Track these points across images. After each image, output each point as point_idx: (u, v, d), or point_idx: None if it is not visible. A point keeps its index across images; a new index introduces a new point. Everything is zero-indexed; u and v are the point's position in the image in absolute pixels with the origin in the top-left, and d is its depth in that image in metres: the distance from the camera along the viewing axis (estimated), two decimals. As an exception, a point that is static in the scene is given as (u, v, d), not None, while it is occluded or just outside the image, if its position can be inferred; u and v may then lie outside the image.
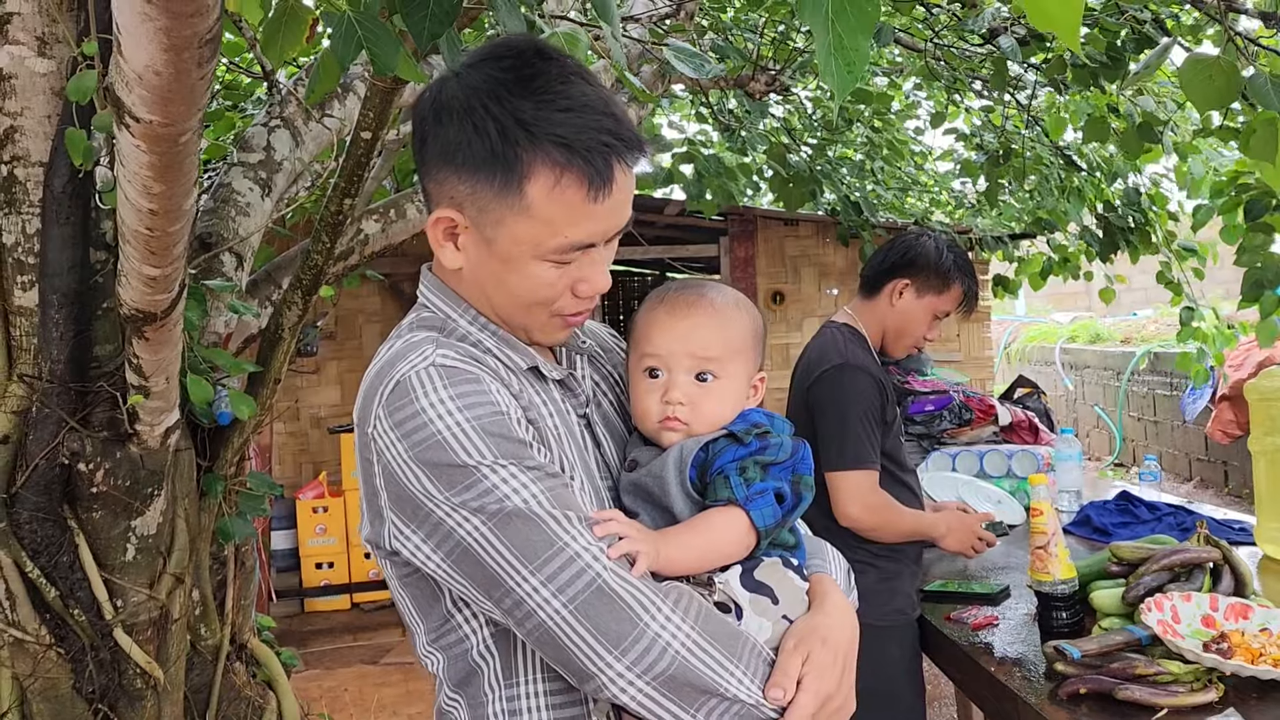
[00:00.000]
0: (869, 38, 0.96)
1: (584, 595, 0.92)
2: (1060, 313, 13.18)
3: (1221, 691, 1.52)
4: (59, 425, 2.06)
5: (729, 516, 1.02)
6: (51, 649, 2.12)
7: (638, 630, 0.92)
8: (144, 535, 2.20)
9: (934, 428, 5.70)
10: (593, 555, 0.94)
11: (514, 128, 0.96)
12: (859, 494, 2.21)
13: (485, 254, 1.03)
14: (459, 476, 0.94)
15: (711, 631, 0.96)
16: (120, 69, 1.08)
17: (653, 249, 7.04)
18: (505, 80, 0.98)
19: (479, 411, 0.96)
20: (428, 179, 1.04)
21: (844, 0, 0.95)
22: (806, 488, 1.09)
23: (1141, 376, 8.85)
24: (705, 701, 0.95)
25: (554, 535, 0.93)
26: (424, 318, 1.09)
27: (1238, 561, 1.82)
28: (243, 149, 2.80)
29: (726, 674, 0.95)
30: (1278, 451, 2.24)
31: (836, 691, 1.03)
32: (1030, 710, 1.60)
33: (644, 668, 0.92)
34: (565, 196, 0.98)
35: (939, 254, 2.38)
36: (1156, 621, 1.61)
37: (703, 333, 1.12)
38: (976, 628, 2.02)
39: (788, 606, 1.06)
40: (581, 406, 1.14)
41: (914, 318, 2.40)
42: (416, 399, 0.96)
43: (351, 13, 1.40)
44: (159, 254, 1.54)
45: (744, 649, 0.98)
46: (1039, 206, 5.36)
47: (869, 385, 2.27)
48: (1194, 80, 1.69)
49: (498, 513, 0.94)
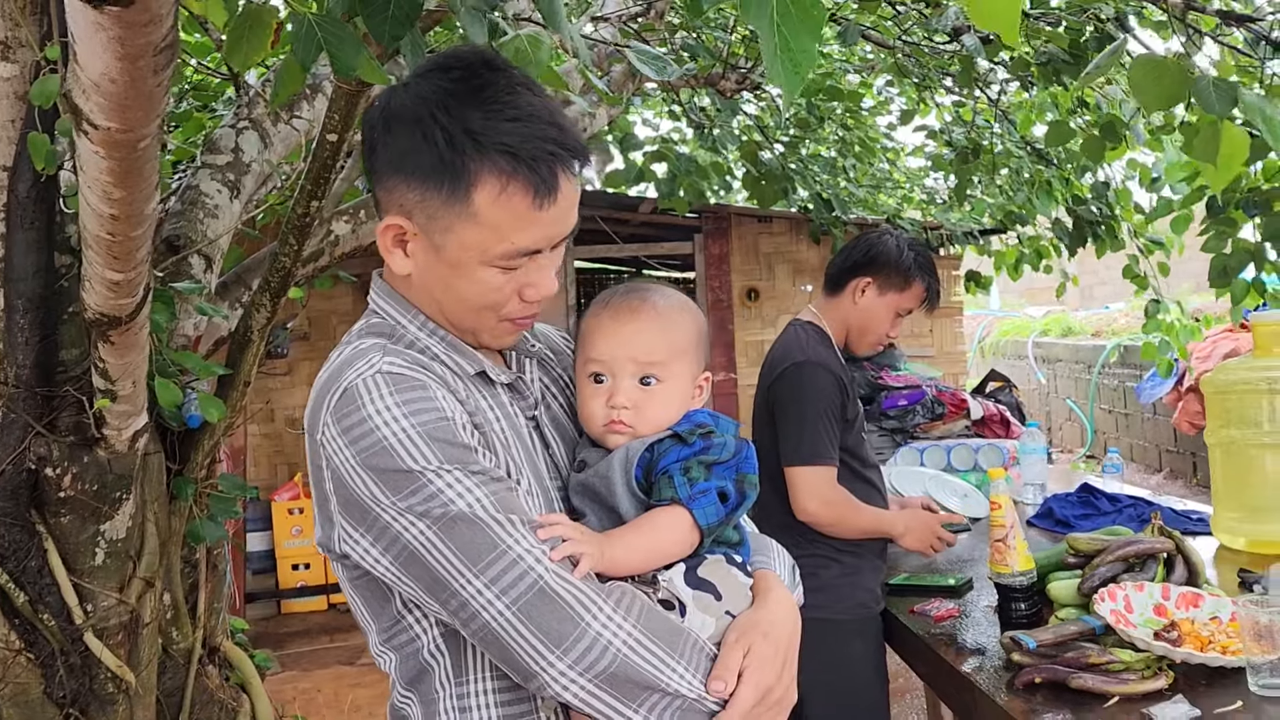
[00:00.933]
0: (815, 40, 0.97)
1: (526, 596, 0.94)
2: (1034, 307, 13.29)
3: (1171, 679, 1.55)
4: (25, 430, 2.05)
5: (672, 516, 1.04)
6: (21, 654, 2.11)
7: (579, 630, 0.94)
8: (113, 539, 2.19)
9: (907, 422, 5.75)
10: (535, 558, 0.95)
11: (462, 137, 0.98)
12: (817, 489, 2.24)
13: (434, 260, 1.04)
14: (404, 482, 0.96)
15: (653, 629, 0.98)
16: (77, 76, 1.08)
17: (628, 247, 7.06)
18: (453, 90, 1.00)
19: (424, 418, 0.98)
20: (378, 186, 1.06)
21: (789, 4, 0.96)
22: (751, 486, 1.11)
23: (1112, 369, 8.94)
24: (647, 697, 0.97)
25: (497, 538, 0.95)
26: (373, 324, 1.11)
27: (1190, 551, 1.86)
28: (211, 151, 2.79)
29: (668, 670, 0.97)
30: (1232, 443, 2.29)
31: (777, 684, 1.05)
32: (987, 700, 1.63)
33: (585, 666, 0.94)
34: (511, 204, 1.00)
35: (900, 252, 2.41)
36: (1109, 611, 1.64)
37: (645, 337, 1.14)
38: (939, 620, 2.05)
39: (731, 602, 1.07)
40: (530, 409, 1.16)
41: (877, 315, 2.43)
42: (363, 406, 0.98)
43: (312, 16, 1.40)
44: (121, 259, 1.54)
45: (685, 645, 1.00)
46: (1010, 201, 5.41)
47: (829, 383, 2.29)
48: (1143, 80, 1.72)
49: (442, 517, 0.96)
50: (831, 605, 2.27)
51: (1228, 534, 2.33)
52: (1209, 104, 1.65)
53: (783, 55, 0.96)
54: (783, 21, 0.95)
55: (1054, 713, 1.50)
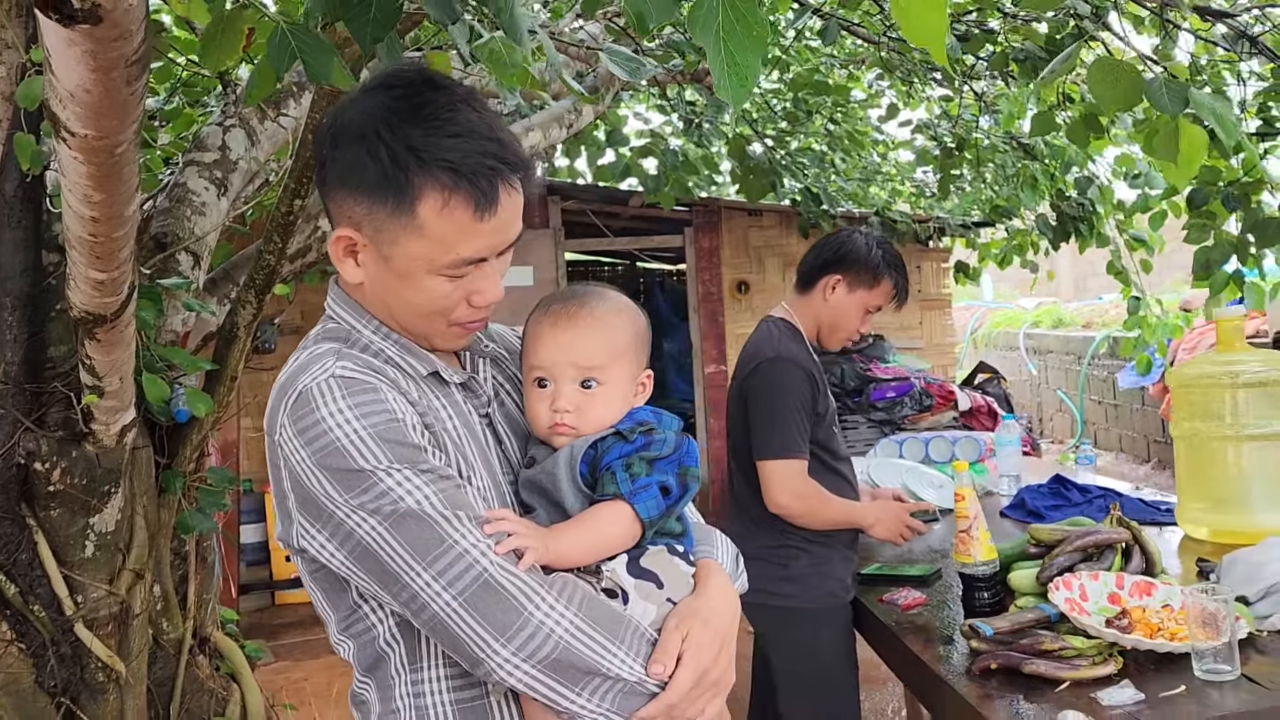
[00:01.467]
0: (759, 55, 1.02)
1: (472, 588, 0.99)
2: (1027, 299, 13.33)
3: (1120, 664, 1.61)
4: (14, 425, 2.09)
5: (615, 510, 1.09)
6: (13, 644, 2.14)
7: (522, 619, 0.99)
8: (102, 532, 2.23)
9: (895, 414, 5.81)
10: (480, 551, 1.00)
11: (405, 153, 1.02)
12: (787, 482, 2.29)
13: (383, 269, 1.09)
14: (356, 480, 1.01)
15: (594, 616, 1.03)
16: (54, 87, 1.12)
17: (618, 240, 7.09)
18: (396, 108, 1.04)
19: (375, 420, 1.02)
20: (328, 199, 1.10)
21: (734, 21, 1.00)
22: (693, 479, 1.15)
23: (1101, 360, 8.99)
24: (589, 681, 1.02)
25: (444, 534, 1.00)
26: (329, 329, 1.15)
27: (1147, 541, 1.90)
28: (198, 148, 2.83)
29: (609, 655, 1.02)
30: (1196, 436, 2.33)
31: (714, 666, 1.09)
32: (945, 685, 1.68)
33: (529, 653, 0.99)
34: (454, 217, 1.04)
35: (869, 250, 2.46)
36: (1064, 600, 1.69)
37: (584, 343, 1.18)
38: (906, 608, 2.10)
39: (672, 590, 1.12)
40: (484, 407, 1.20)
41: (846, 312, 2.48)
42: (317, 408, 1.02)
43: (285, 25, 1.44)
44: (104, 259, 1.58)
45: (626, 631, 1.05)
46: (996, 195, 5.45)
47: (800, 378, 2.34)
48: (1101, 82, 1.76)
49: (392, 513, 1.00)
50: (802, 595, 2.32)
51: (1192, 524, 2.38)
52: (1161, 104, 1.69)
53: (729, 69, 1.00)
54: (728, 38, 1.00)
55: (1007, 698, 1.55)
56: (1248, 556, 1.86)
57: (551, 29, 3.21)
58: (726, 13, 1.00)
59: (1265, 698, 1.51)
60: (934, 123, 5.22)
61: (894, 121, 5.64)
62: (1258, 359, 2.27)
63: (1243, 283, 3.82)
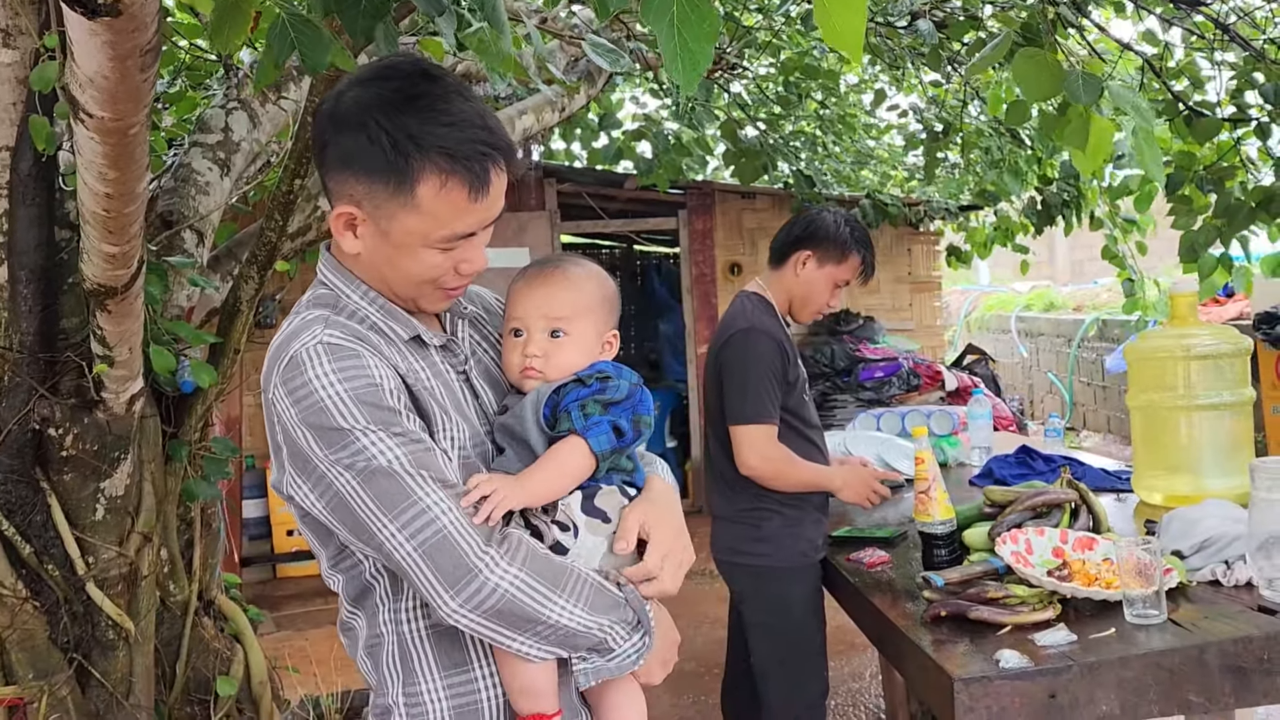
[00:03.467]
0: (711, 43, 1.12)
1: (431, 541, 1.11)
2: (1021, 282, 13.42)
3: (1059, 610, 1.72)
4: (30, 393, 2.19)
5: (571, 445, 1.22)
6: (27, 602, 2.24)
7: (470, 574, 1.11)
8: (112, 496, 2.34)
9: (883, 393, 5.94)
10: (441, 509, 1.12)
11: (405, 141, 1.13)
12: (757, 446, 2.42)
13: (381, 242, 1.20)
14: (336, 438, 1.13)
15: (537, 570, 1.15)
16: (74, 72, 1.24)
17: (614, 223, 7.18)
18: (393, 99, 1.15)
19: (356, 384, 1.14)
20: (328, 179, 1.21)
21: (688, 10, 1.10)
22: (645, 426, 1.29)
23: (1090, 343, 9.10)
24: (529, 628, 1.15)
25: (409, 490, 1.12)
26: (319, 295, 1.27)
27: (1094, 502, 2.02)
28: (202, 130, 2.93)
29: (548, 605, 1.15)
30: (1150, 406, 2.44)
31: (675, 544, 1.27)
32: (898, 632, 1.80)
33: (475, 605, 1.12)
34: (450, 197, 1.15)
35: (837, 227, 2.58)
36: (1010, 553, 1.81)
37: (554, 298, 1.31)
38: (870, 566, 2.22)
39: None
40: (461, 365, 1.32)
41: (816, 286, 2.60)
42: (304, 371, 1.14)
43: (285, 15, 1.55)
44: (116, 233, 1.69)
45: (568, 582, 1.18)
46: (983, 180, 5.54)
47: (771, 348, 2.47)
48: (1025, 73, 1.87)
49: (364, 469, 1.12)
50: (774, 554, 2.46)
51: (1146, 490, 2.49)
52: (1076, 95, 1.80)
53: (681, 55, 1.11)
54: (682, 25, 1.10)
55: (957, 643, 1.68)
56: (1184, 514, 1.98)
57: (544, 14, 3.31)
58: (680, 2, 1.10)
59: (1186, 638, 1.62)
60: (922, 107, 5.30)
61: (883, 107, 5.73)
62: (1208, 332, 2.38)
63: (1231, 266, 3.90)
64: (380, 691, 1.27)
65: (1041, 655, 1.60)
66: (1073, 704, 1.58)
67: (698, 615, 4.49)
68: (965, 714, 1.56)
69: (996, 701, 1.57)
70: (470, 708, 1.23)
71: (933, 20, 3.26)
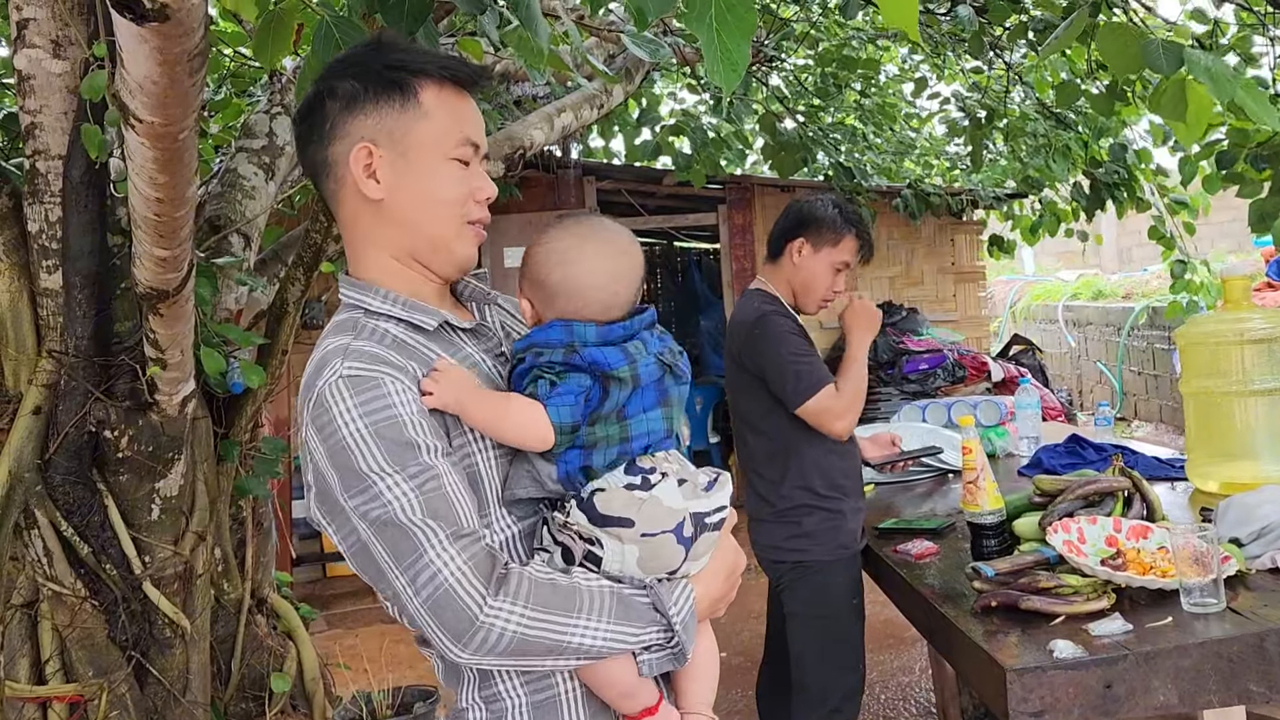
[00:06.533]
0: (749, 42, 1.12)
1: (434, 597, 1.11)
2: (1068, 271, 13.23)
3: (1113, 600, 1.70)
4: (86, 396, 2.24)
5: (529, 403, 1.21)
6: (86, 601, 2.29)
7: (475, 626, 1.10)
8: (167, 496, 2.38)
9: (928, 385, 5.89)
10: (443, 562, 1.12)
11: (395, 64, 1.22)
12: (832, 410, 2.41)
13: (403, 169, 1.23)
14: (355, 483, 1.14)
15: (544, 602, 1.13)
16: (124, 79, 1.26)
17: (653, 219, 7.18)
18: (366, 49, 1.25)
19: (377, 418, 1.14)
20: (336, 135, 1.23)
21: (725, 10, 1.10)
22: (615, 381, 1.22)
23: (1141, 331, 8.94)
24: (554, 656, 1.14)
25: (417, 543, 1.12)
26: (339, 321, 1.27)
27: (1147, 490, 1.98)
28: (247, 135, 2.98)
29: (568, 631, 1.14)
30: (1205, 393, 2.40)
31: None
32: (948, 623, 1.78)
33: (487, 650, 1.11)
34: (450, 98, 1.24)
35: (825, 209, 2.58)
36: (1062, 542, 1.78)
37: None
38: (919, 558, 2.20)
39: (646, 524, 1.19)
40: (496, 348, 1.33)
41: (816, 272, 2.59)
42: (330, 409, 1.15)
43: (329, 18, 1.57)
44: (167, 237, 1.73)
45: (583, 602, 1.15)
46: (1028, 166, 5.46)
47: (786, 325, 2.48)
48: (1109, 46, 1.83)
49: (377, 520, 1.13)
50: (815, 549, 2.45)
51: (1201, 478, 2.45)
52: (1158, 64, 1.76)
53: (721, 56, 1.11)
54: (720, 27, 1.10)
55: (1008, 633, 1.65)
56: (1242, 500, 1.94)
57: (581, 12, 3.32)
58: (719, 3, 1.10)
59: (1245, 626, 1.59)
60: (964, 95, 5.24)
61: (924, 95, 5.67)
62: (1262, 316, 2.33)
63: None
64: (459, 693, 1.27)
65: (1096, 645, 1.57)
66: (1129, 694, 1.55)
67: (744, 610, 4.49)
68: (1019, 705, 1.54)
69: (1050, 692, 1.54)
70: (549, 702, 1.24)
71: (973, 6, 3.22)
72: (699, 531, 1.21)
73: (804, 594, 2.46)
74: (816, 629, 2.44)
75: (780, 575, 2.53)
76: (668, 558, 1.20)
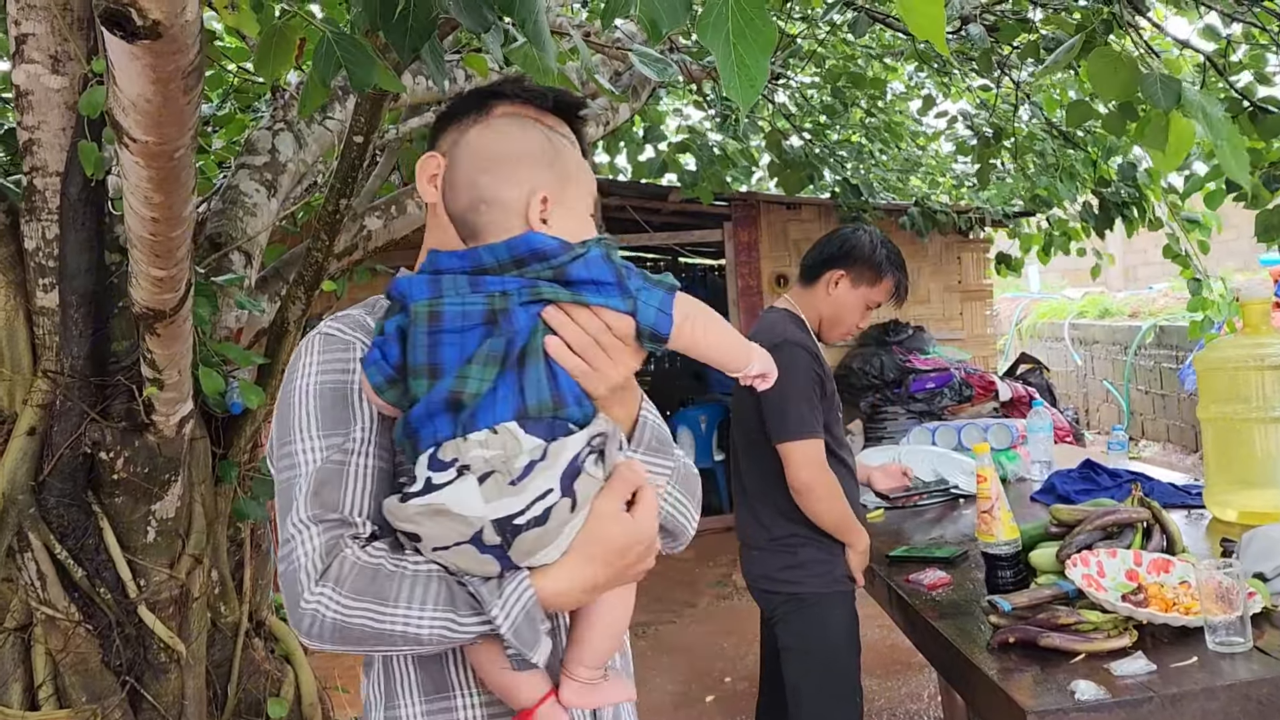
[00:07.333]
0: (767, 57, 1.08)
1: (285, 570, 1.12)
2: (1073, 289, 13.17)
3: (1135, 637, 1.64)
4: (81, 417, 2.20)
5: None
6: (80, 625, 2.24)
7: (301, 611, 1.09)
8: (163, 518, 2.34)
9: (935, 404, 5.84)
10: (299, 542, 1.12)
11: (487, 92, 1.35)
12: (807, 461, 2.35)
13: None
14: (283, 435, 1.18)
15: (359, 590, 1.08)
16: (117, 97, 1.22)
17: (658, 235, 7.15)
18: None
19: (328, 378, 1.18)
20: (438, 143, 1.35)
21: (743, 24, 1.06)
22: None
23: (1148, 350, 8.88)
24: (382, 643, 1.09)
25: (289, 512, 1.15)
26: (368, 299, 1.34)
27: (1167, 521, 1.93)
28: (249, 152, 2.94)
29: (385, 618, 1.07)
30: (1224, 419, 2.35)
31: None
32: (963, 659, 1.73)
33: (314, 633, 1.09)
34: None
35: (873, 248, 2.52)
36: (1081, 576, 1.73)
37: None
38: (931, 588, 2.15)
39: (434, 538, 1.07)
40: None
41: (848, 307, 2.54)
42: (298, 360, 1.22)
43: (331, 35, 1.54)
44: (163, 257, 1.69)
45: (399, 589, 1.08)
46: (1035, 185, 5.43)
47: (808, 362, 2.41)
48: (1099, 74, 1.81)
49: (283, 481, 1.17)
50: (810, 581, 2.39)
51: (1220, 506, 2.40)
52: (1155, 99, 1.74)
53: (739, 71, 1.07)
54: (738, 41, 1.06)
55: (1027, 671, 1.60)
56: (1266, 532, 1.88)
57: (588, 29, 3.29)
58: (735, 17, 1.06)
59: (1274, 667, 1.54)
60: (972, 113, 5.21)
61: (931, 113, 5.64)
62: (1283, 341, 2.29)
63: (1311, 247, 3.77)
64: (365, 713, 1.27)
65: (1119, 686, 1.52)
66: (1154, 737, 1.50)
67: (749, 634, 4.42)
68: (1038, 747, 1.49)
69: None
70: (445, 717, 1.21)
71: (984, 25, 3.19)
72: (512, 535, 1.03)
73: (799, 628, 2.41)
74: (812, 663, 2.38)
75: (774, 607, 2.47)
76: (479, 568, 1.06)
